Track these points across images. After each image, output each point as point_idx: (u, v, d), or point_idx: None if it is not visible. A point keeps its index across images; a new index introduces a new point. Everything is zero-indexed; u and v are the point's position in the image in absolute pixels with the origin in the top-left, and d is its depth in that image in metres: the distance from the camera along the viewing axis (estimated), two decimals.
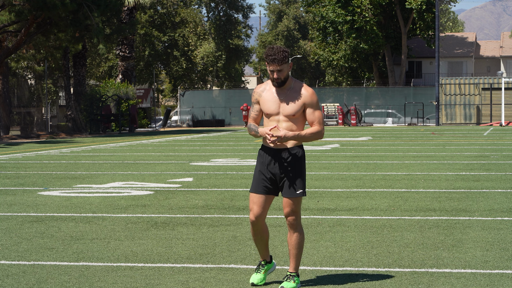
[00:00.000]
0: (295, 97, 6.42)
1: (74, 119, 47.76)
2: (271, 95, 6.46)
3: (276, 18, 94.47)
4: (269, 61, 6.33)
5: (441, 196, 12.69)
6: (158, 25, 74.97)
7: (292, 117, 6.41)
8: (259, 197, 6.50)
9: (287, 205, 6.48)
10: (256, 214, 6.51)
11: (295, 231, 6.52)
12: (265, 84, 6.55)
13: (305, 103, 6.43)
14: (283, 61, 6.31)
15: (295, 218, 6.49)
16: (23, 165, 20.55)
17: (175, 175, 16.92)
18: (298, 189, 6.45)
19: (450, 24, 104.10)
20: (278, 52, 6.30)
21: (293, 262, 6.56)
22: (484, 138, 33.37)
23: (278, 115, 6.42)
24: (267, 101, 6.47)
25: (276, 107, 6.43)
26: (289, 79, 6.43)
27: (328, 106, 57.11)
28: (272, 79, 6.39)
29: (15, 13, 38.11)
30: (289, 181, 6.44)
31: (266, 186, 6.49)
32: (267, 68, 6.36)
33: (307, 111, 6.45)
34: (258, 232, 6.60)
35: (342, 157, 22.11)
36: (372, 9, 61.34)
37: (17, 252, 8.25)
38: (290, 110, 6.40)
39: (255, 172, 6.56)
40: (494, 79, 56.44)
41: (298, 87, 6.45)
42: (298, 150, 6.49)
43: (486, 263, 7.45)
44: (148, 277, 7.04)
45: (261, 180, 6.50)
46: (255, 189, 6.52)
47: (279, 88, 6.43)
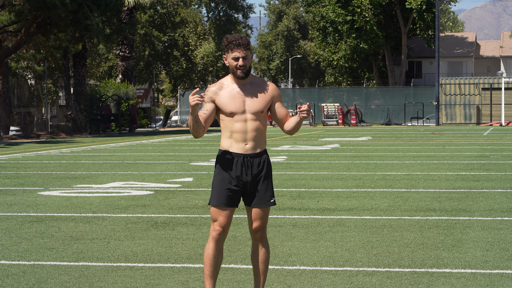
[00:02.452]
0: (261, 92, 5.78)
1: (74, 119, 47.76)
2: (232, 92, 5.74)
3: (276, 18, 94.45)
4: (234, 46, 5.66)
5: (441, 196, 12.69)
6: (158, 25, 74.98)
7: (260, 114, 5.75)
8: (224, 210, 5.77)
9: (259, 216, 5.82)
10: (223, 225, 5.77)
11: (264, 246, 5.89)
12: (219, 82, 5.83)
13: (273, 98, 5.81)
14: (247, 46, 5.68)
15: (265, 230, 5.89)
16: (23, 165, 20.54)
17: (175, 175, 16.91)
18: (271, 197, 5.84)
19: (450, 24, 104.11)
20: (240, 37, 5.69)
21: (262, 278, 5.95)
22: (484, 138, 33.36)
23: (244, 113, 5.72)
24: (228, 99, 5.72)
25: (241, 105, 5.72)
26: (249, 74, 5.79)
27: (328, 106, 57.11)
28: (236, 68, 5.68)
29: (15, 13, 38.10)
30: (262, 189, 5.80)
31: (230, 197, 5.77)
32: (228, 57, 5.70)
33: (276, 105, 5.83)
34: (218, 252, 5.82)
35: (342, 157, 22.11)
36: (372, 9, 61.35)
37: (17, 252, 8.25)
38: (258, 106, 5.74)
39: (216, 183, 5.81)
40: (494, 79, 56.44)
41: (260, 82, 5.82)
42: (266, 156, 5.84)
43: (486, 263, 7.44)
44: (148, 277, 7.04)
45: (225, 190, 5.76)
46: (218, 201, 5.77)
47: (241, 82, 5.75)
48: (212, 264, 5.81)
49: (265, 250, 5.90)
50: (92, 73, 71.49)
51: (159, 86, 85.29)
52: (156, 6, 73.66)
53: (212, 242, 5.79)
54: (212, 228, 5.82)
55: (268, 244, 5.93)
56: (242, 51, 5.67)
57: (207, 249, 5.81)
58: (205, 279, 5.84)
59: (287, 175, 16.58)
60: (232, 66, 5.70)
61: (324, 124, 56.66)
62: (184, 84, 78.43)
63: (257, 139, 5.78)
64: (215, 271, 5.83)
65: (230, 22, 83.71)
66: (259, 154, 5.80)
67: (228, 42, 5.69)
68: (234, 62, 5.69)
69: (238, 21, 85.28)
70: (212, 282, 5.84)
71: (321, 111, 57.74)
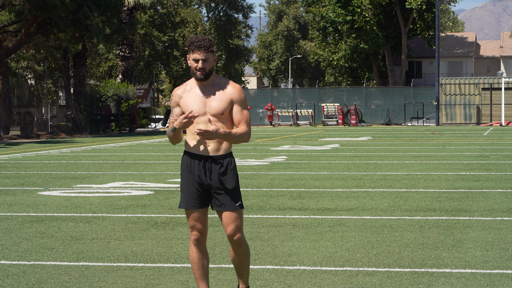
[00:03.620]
0: (222, 93, 5.71)
1: (74, 119, 47.76)
2: (194, 94, 5.73)
3: (276, 18, 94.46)
4: (194, 47, 5.64)
5: (441, 196, 12.69)
6: (158, 25, 74.98)
7: (220, 116, 5.69)
8: (197, 211, 5.75)
9: (230, 220, 5.73)
10: (199, 228, 5.75)
11: (241, 247, 5.83)
12: (183, 85, 5.84)
13: (233, 100, 5.71)
14: (209, 49, 5.65)
15: (241, 234, 5.80)
16: (23, 165, 20.54)
17: (175, 175, 16.91)
18: (237, 200, 5.74)
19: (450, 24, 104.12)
20: (203, 39, 5.66)
21: (245, 276, 5.95)
22: (484, 138, 33.36)
23: (205, 115, 5.69)
24: (190, 101, 5.71)
25: (202, 106, 5.70)
26: (213, 75, 5.74)
27: (328, 106, 57.09)
28: (195, 70, 5.66)
29: (15, 13, 38.10)
30: (226, 193, 5.72)
31: (200, 197, 5.75)
32: (190, 58, 5.70)
33: (234, 108, 5.73)
34: (202, 253, 5.81)
35: (342, 157, 22.10)
36: (372, 9, 61.34)
37: (17, 252, 8.25)
38: (217, 108, 5.68)
39: (183, 185, 5.77)
40: (494, 79, 56.43)
41: (224, 83, 5.76)
42: (230, 159, 5.78)
43: (486, 263, 7.44)
44: (148, 277, 7.04)
45: (194, 192, 5.73)
46: (189, 204, 5.75)
47: (203, 83, 5.73)
48: (199, 266, 5.81)
49: (243, 251, 5.86)
50: (92, 73, 71.47)
51: (159, 86, 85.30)
52: (156, 6, 73.66)
53: (193, 245, 5.81)
54: (190, 231, 5.82)
55: (247, 244, 5.90)
56: (203, 53, 5.65)
57: (191, 252, 5.83)
58: (197, 282, 5.88)
59: (287, 175, 16.58)
60: (192, 67, 5.70)
61: (324, 124, 56.65)
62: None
63: (220, 141, 5.73)
64: (204, 272, 5.83)
65: (230, 22, 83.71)
66: (222, 156, 5.75)
67: (190, 43, 5.69)
68: (194, 64, 5.68)
69: (238, 21, 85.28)
70: (205, 283, 5.85)
71: (321, 111, 57.73)
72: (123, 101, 48.92)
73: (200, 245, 5.80)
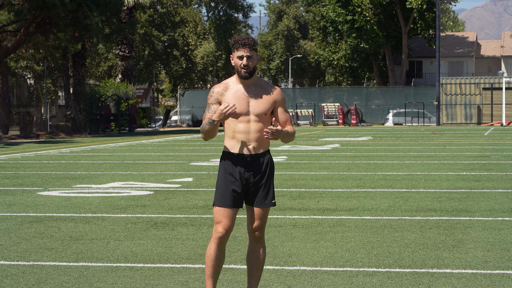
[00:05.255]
0: (265, 94, 5.80)
1: (73, 119, 47.75)
2: (237, 93, 5.77)
3: (276, 17, 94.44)
4: (239, 45, 5.70)
5: (442, 196, 12.67)
6: (158, 25, 74.98)
7: (263, 116, 5.77)
8: (228, 210, 5.77)
9: (259, 216, 5.85)
10: (226, 227, 5.76)
11: (261, 246, 5.92)
12: (223, 83, 5.85)
13: (276, 101, 5.82)
14: (253, 47, 5.70)
15: (263, 230, 5.91)
16: (22, 165, 20.52)
17: (175, 175, 16.89)
18: (273, 198, 5.88)
19: (450, 23, 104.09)
20: (247, 37, 5.72)
21: (257, 279, 5.95)
22: (485, 138, 33.35)
23: (248, 114, 5.74)
24: (233, 99, 5.73)
25: (246, 106, 5.75)
26: (255, 75, 5.81)
27: (328, 106, 57.10)
28: (240, 68, 5.72)
29: (14, 13, 38.08)
30: (264, 190, 5.84)
31: (235, 198, 5.79)
32: (234, 56, 5.74)
33: (279, 110, 5.85)
34: (221, 252, 5.81)
35: (342, 157, 22.09)
36: (373, 9, 61.34)
37: (16, 252, 8.22)
38: (261, 108, 5.76)
39: (221, 184, 5.82)
40: (495, 79, 56.43)
41: (265, 84, 5.85)
42: (269, 156, 5.88)
43: (487, 264, 7.42)
44: (148, 277, 7.02)
45: (230, 191, 5.77)
46: (223, 202, 5.78)
47: (246, 83, 5.78)
48: (214, 265, 5.80)
49: (262, 250, 5.91)
50: (92, 73, 71.48)
51: (159, 86, 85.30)
52: (156, 5, 73.67)
53: (215, 243, 5.78)
54: (215, 229, 5.80)
55: (265, 245, 5.94)
56: (248, 50, 5.70)
57: (209, 249, 5.79)
58: (206, 279, 5.84)
59: (287, 175, 16.56)
60: (237, 65, 5.74)
61: (324, 124, 56.65)
62: (184, 84, 78.41)
63: (260, 140, 5.79)
64: (217, 271, 5.82)
65: (230, 22, 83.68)
66: (262, 154, 5.83)
67: (234, 41, 5.75)
68: (239, 61, 5.73)
69: (238, 21, 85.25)
70: (213, 282, 5.84)
71: (321, 111, 57.73)
72: (123, 101, 48.91)
73: (221, 244, 5.78)
